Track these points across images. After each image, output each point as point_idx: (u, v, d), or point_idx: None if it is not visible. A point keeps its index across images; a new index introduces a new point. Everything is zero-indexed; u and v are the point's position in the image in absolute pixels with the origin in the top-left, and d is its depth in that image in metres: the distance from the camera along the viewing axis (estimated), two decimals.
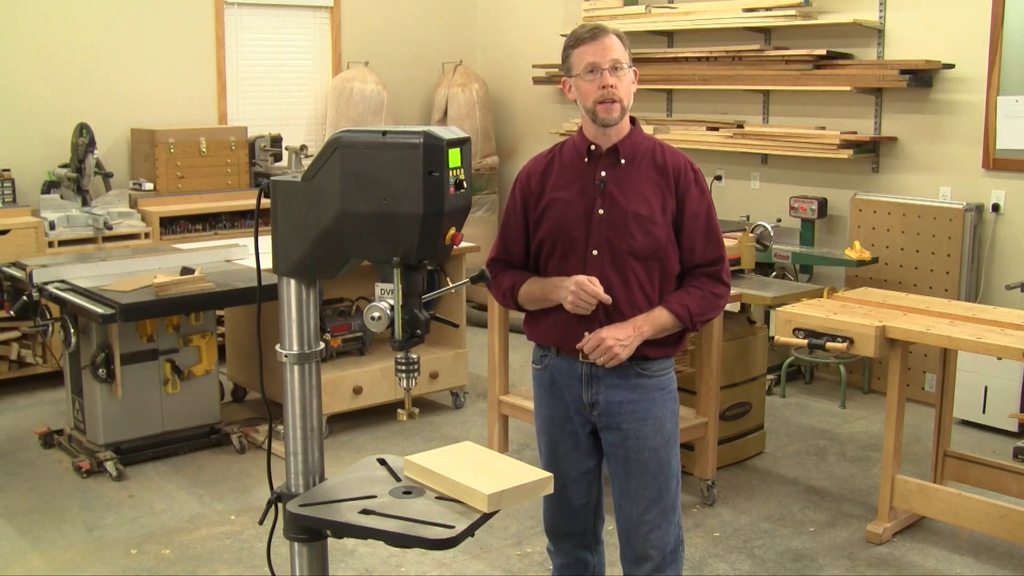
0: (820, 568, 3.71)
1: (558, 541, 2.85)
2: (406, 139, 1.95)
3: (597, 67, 2.54)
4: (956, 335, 3.57)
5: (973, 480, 4.07)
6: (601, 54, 2.55)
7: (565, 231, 2.63)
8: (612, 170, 2.62)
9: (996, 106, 5.30)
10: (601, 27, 2.60)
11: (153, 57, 6.62)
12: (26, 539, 3.91)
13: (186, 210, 6.28)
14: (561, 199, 2.64)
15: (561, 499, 2.73)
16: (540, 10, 7.76)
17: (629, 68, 2.59)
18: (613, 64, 2.55)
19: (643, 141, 2.66)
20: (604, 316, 2.61)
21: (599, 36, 2.57)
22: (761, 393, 4.80)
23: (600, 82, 2.55)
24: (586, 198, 2.62)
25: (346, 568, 3.66)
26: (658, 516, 2.67)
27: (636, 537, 2.70)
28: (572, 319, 2.62)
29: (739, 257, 4.96)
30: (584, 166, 2.64)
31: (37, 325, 4.59)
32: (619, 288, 2.60)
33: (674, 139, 6.57)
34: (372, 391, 5.07)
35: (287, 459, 2.17)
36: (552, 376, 2.72)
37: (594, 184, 2.62)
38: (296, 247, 2.07)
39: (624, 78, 2.57)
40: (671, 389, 2.71)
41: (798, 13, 5.90)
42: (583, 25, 2.66)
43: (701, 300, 2.64)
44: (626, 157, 2.63)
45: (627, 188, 2.60)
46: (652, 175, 2.62)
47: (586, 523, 2.81)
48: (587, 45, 2.56)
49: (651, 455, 2.65)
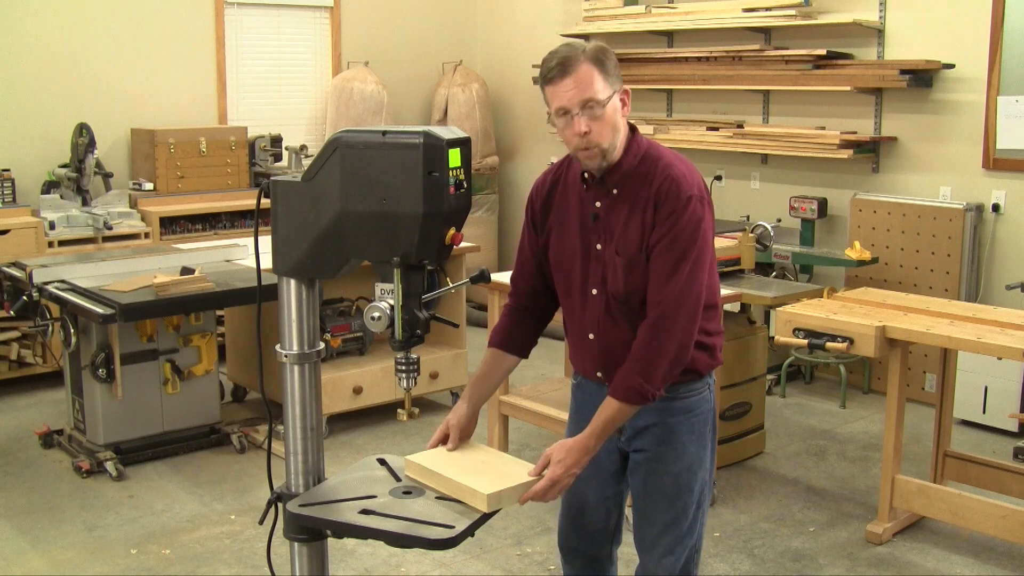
0: (820, 568, 3.71)
1: (570, 557, 2.76)
2: (406, 139, 1.95)
3: (567, 111, 2.23)
4: (956, 335, 3.57)
5: (973, 480, 4.07)
6: (571, 96, 2.21)
7: (566, 265, 2.45)
8: (605, 200, 2.38)
9: (996, 106, 5.30)
10: (571, 57, 2.21)
11: (153, 57, 6.62)
12: (26, 539, 3.91)
13: (186, 210, 6.28)
14: (561, 228, 2.46)
15: (578, 521, 2.66)
16: (540, 10, 7.76)
17: (612, 97, 2.24)
18: (585, 104, 2.21)
19: (640, 164, 2.34)
20: (600, 352, 2.47)
21: (569, 70, 2.20)
22: (761, 393, 4.80)
23: (573, 129, 2.24)
24: (585, 231, 2.41)
25: (346, 568, 3.66)
26: (672, 542, 2.55)
27: (649, 559, 2.60)
28: (587, 354, 2.51)
29: (739, 257, 4.97)
30: (584, 193, 2.41)
31: (37, 325, 4.59)
32: (614, 333, 2.41)
33: (674, 139, 6.58)
34: (372, 391, 5.07)
35: (287, 459, 2.17)
36: (583, 397, 2.60)
37: (590, 215, 2.40)
38: (296, 247, 2.07)
39: (603, 116, 2.23)
40: (701, 411, 2.48)
41: (798, 13, 5.90)
42: (553, 52, 2.26)
43: (646, 363, 2.26)
44: (616, 186, 2.35)
45: (617, 222, 2.36)
46: (644, 204, 2.32)
47: (602, 547, 2.71)
48: (556, 84, 2.22)
49: (670, 480, 2.50)
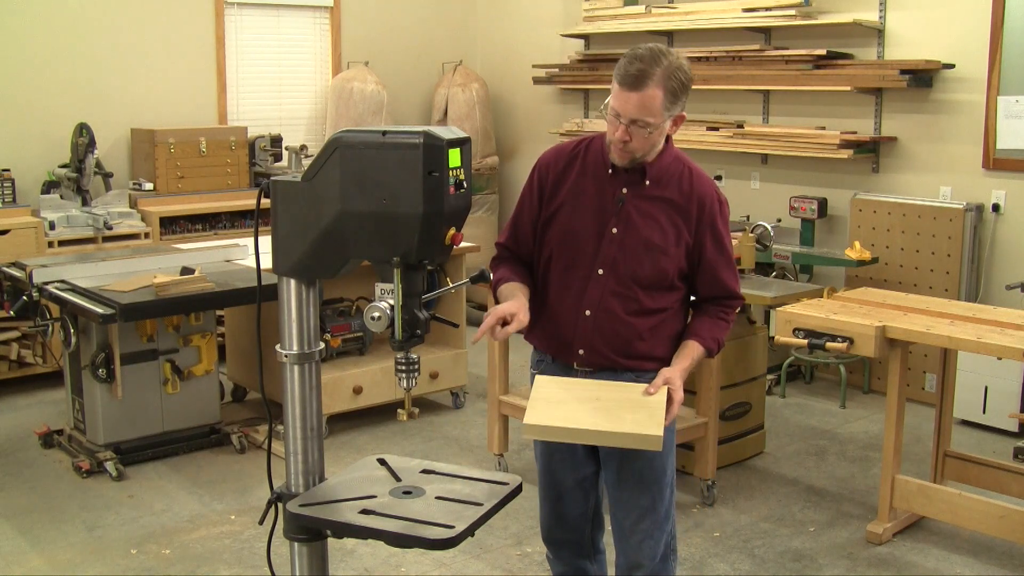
0: (820, 568, 3.71)
1: (556, 549, 2.79)
2: (406, 139, 1.95)
3: (620, 116, 2.39)
4: (956, 335, 3.57)
5: (973, 480, 4.07)
6: (629, 108, 2.37)
7: (574, 243, 2.52)
8: (634, 188, 2.49)
9: (996, 106, 5.30)
10: (645, 74, 2.34)
11: (153, 57, 6.62)
12: (26, 539, 3.91)
13: (186, 210, 6.28)
14: (575, 206, 2.52)
15: (557, 508, 2.69)
16: (540, 10, 7.76)
17: (663, 122, 2.41)
18: (637, 122, 2.38)
19: (672, 163, 2.53)
20: (593, 329, 2.52)
21: (637, 87, 2.35)
22: (761, 393, 4.80)
23: (618, 133, 2.41)
24: (602, 213, 2.50)
25: (346, 568, 3.66)
26: (651, 526, 2.61)
27: (628, 547, 2.65)
28: (564, 329, 2.55)
29: (739, 257, 4.96)
30: (607, 177, 2.51)
31: (37, 325, 4.59)
32: (619, 310, 2.51)
33: (674, 139, 6.56)
34: (372, 391, 5.07)
35: (287, 459, 2.17)
36: None
37: (613, 200, 2.50)
38: (296, 247, 2.07)
39: (644, 135, 2.40)
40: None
41: (798, 13, 5.90)
42: (636, 57, 2.37)
43: (725, 330, 2.65)
44: (652, 179, 2.50)
45: (645, 212, 2.48)
46: (674, 202, 2.49)
47: (583, 532, 2.75)
48: (624, 90, 2.37)
49: (644, 464, 2.57)
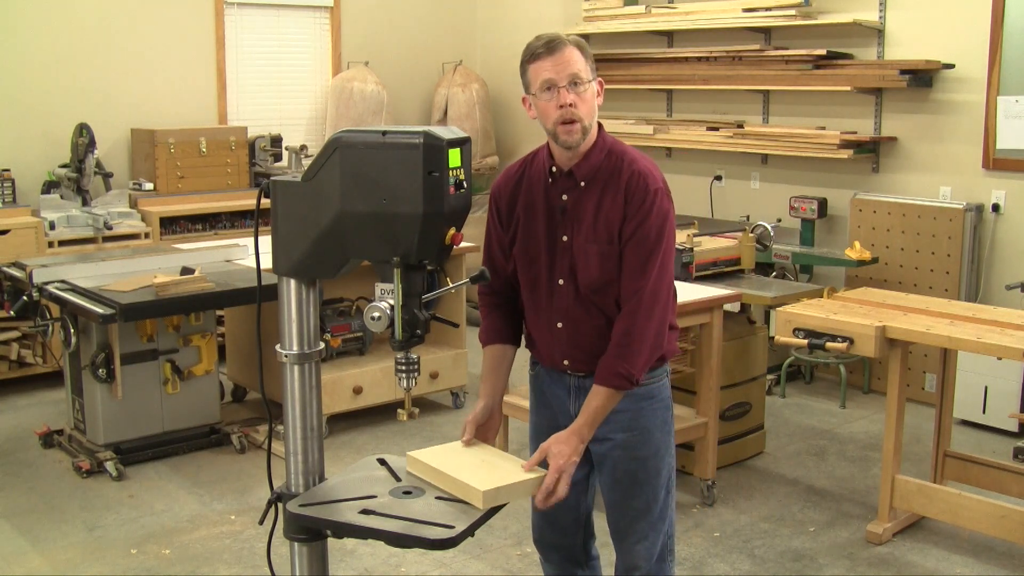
0: (820, 568, 3.71)
1: (547, 552, 2.77)
2: (406, 139, 1.95)
3: (554, 84, 2.33)
4: (956, 335, 3.57)
5: (973, 480, 4.07)
6: (558, 69, 2.32)
7: (534, 257, 2.49)
8: (572, 192, 2.44)
9: (996, 106, 5.30)
10: (558, 39, 2.35)
11: (153, 57, 6.62)
12: (26, 539, 3.91)
13: (186, 210, 6.28)
14: (528, 221, 2.49)
15: (548, 514, 2.63)
16: (540, 10, 7.76)
17: (592, 81, 2.37)
18: (571, 79, 2.33)
19: (605, 159, 2.43)
20: (568, 340, 2.49)
21: (556, 49, 2.33)
22: (761, 393, 4.80)
23: (558, 100, 2.33)
24: (551, 223, 2.46)
25: (346, 568, 3.66)
26: (646, 527, 2.58)
27: (624, 548, 2.62)
28: (544, 344, 2.54)
29: (739, 257, 4.98)
30: (548, 186, 2.47)
31: (37, 325, 4.59)
32: (585, 322, 2.45)
33: (674, 139, 6.59)
34: (372, 391, 5.07)
35: (287, 459, 2.17)
36: (541, 385, 2.64)
37: (558, 208, 2.45)
38: (296, 247, 2.07)
39: (585, 94, 2.35)
40: (662, 397, 2.56)
41: (798, 13, 5.90)
42: (539, 37, 2.39)
43: (628, 350, 2.35)
44: (584, 179, 2.43)
45: (586, 213, 2.42)
46: (613, 197, 2.41)
47: (574, 538, 2.71)
48: (542, 60, 2.34)
49: (638, 465, 2.54)
